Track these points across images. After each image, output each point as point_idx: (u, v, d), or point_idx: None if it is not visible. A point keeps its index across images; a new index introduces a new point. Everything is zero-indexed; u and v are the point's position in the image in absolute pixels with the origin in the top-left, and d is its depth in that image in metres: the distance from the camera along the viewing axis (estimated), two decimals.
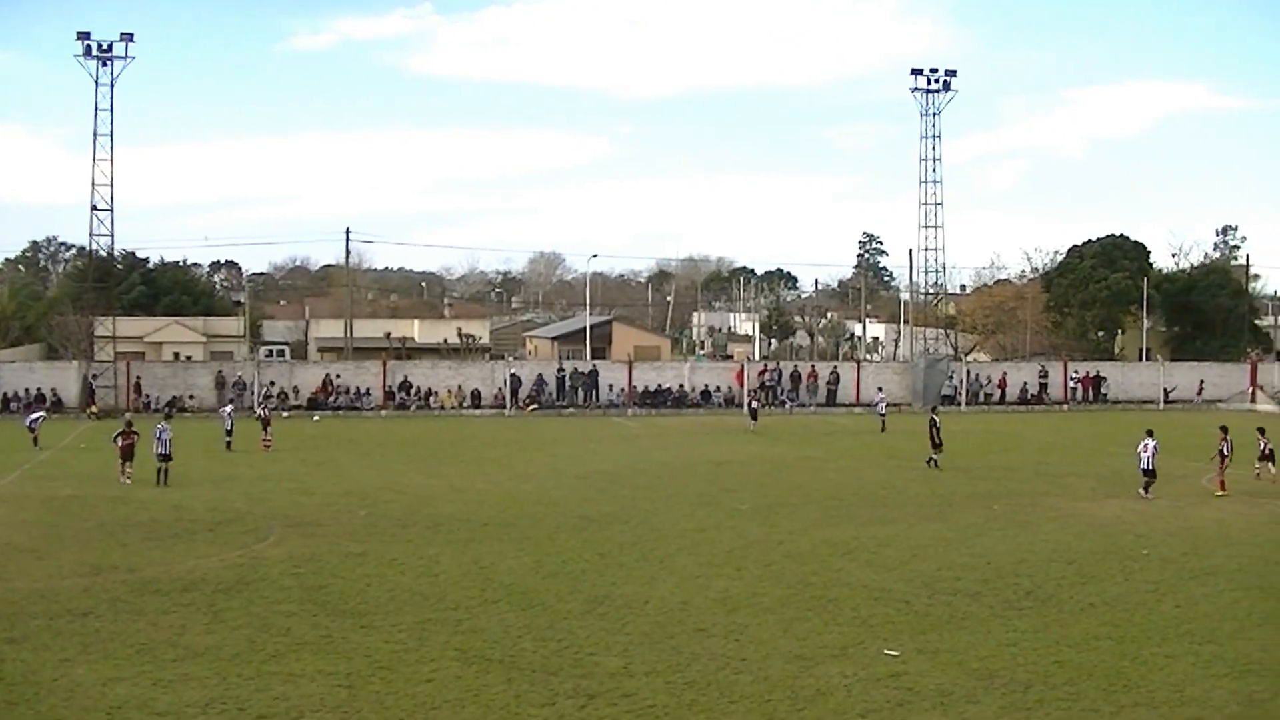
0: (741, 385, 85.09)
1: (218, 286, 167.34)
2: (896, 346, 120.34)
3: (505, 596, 27.23)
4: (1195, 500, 42.41)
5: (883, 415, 73.22)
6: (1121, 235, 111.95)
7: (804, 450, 58.97)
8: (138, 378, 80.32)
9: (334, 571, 29.78)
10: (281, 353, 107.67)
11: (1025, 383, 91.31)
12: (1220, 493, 43.54)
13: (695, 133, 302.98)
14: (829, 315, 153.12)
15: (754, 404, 73.33)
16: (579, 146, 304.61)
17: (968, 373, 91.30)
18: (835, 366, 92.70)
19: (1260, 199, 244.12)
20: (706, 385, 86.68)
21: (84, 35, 78.96)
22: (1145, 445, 42.87)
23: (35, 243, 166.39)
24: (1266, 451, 46.42)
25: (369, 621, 24.89)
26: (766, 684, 20.84)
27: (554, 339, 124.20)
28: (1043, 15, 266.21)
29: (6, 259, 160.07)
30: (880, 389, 79.93)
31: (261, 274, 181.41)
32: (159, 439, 45.21)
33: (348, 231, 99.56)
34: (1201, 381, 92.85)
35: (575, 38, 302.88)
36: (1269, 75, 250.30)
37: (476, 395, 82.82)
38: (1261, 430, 46.05)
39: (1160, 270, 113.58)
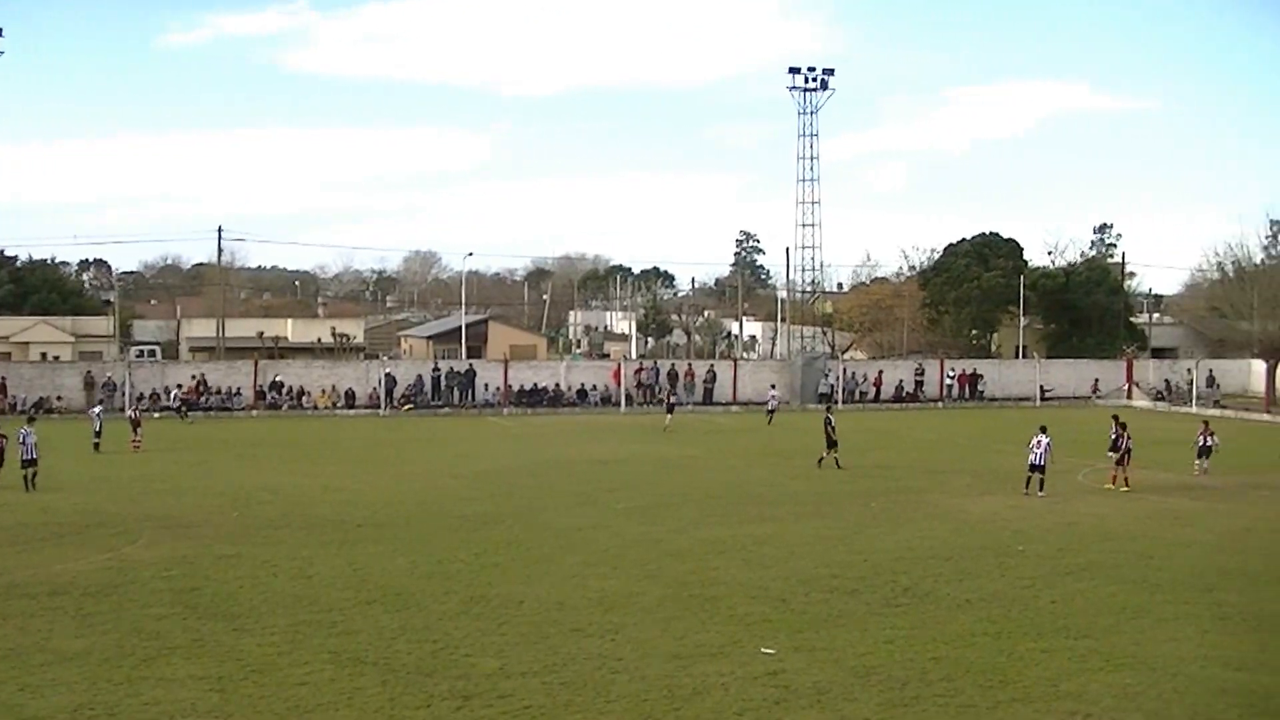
0: (619, 384, 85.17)
1: (87, 285, 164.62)
2: (774, 345, 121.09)
3: (380, 598, 27.16)
4: (1072, 496, 43.12)
5: (772, 411, 74.56)
6: (994, 233, 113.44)
7: (682, 449, 59.17)
8: (3, 378, 78.76)
9: (206, 574, 29.51)
10: (153, 353, 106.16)
11: (901, 380, 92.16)
12: (1117, 487, 44.45)
13: (574, 132, 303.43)
14: (706, 314, 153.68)
15: (671, 399, 73.91)
16: (457, 145, 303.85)
17: (844, 371, 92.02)
18: (712, 365, 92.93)
19: (1136, 197, 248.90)
20: (583, 384, 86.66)
21: None
22: (1039, 441, 43.54)
23: None
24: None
25: (242, 624, 24.72)
26: (644, 683, 20.98)
27: (429, 338, 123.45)
28: (924, 16, 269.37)
29: None
30: (773, 386, 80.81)
31: (132, 273, 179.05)
32: (24, 444, 44.42)
33: (220, 230, 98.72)
34: (1096, 380, 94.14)
35: (455, 35, 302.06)
36: (1146, 75, 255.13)
37: (350, 395, 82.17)
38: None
39: (1037, 268, 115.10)
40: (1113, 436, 47.51)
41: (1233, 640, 23.84)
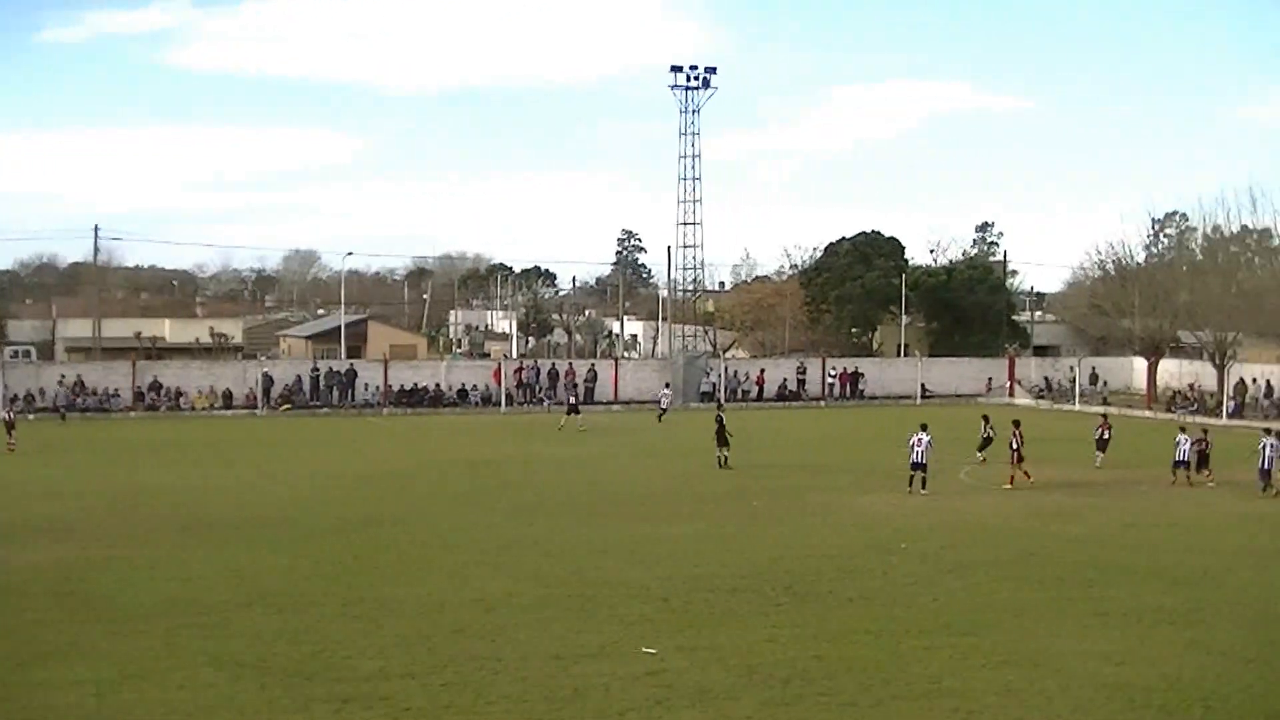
0: (499, 383, 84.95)
1: None
2: (655, 344, 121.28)
3: (259, 600, 26.96)
4: (954, 494, 43.60)
5: (664, 410, 75.59)
6: (876, 232, 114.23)
7: (563, 449, 59.15)
8: None
9: (82, 577, 29.16)
10: (27, 353, 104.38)
11: (784, 379, 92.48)
12: (1016, 486, 45.02)
13: (454, 130, 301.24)
14: (587, 313, 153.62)
15: (573, 399, 73.44)
16: (337, 143, 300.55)
17: (726, 369, 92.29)
18: (593, 364, 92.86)
19: (1018, 196, 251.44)
20: (463, 384, 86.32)
21: None
22: (919, 439, 43.95)
23: None
24: (1012, 445, 47.19)
25: (119, 628, 24.44)
26: (524, 684, 20.97)
27: (309, 338, 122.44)
28: (808, 16, 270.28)
29: None
30: (667, 384, 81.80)
31: (6, 272, 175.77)
32: None
33: (96, 229, 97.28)
34: (990, 379, 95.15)
35: (335, 33, 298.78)
36: (1028, 75, 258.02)
37: (229, 396, 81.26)
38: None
39: (918, 266, 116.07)
40: (982, 436, 48.65)
41: (1113, 635, 24.21)
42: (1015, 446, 46.01)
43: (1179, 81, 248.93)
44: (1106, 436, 51.96)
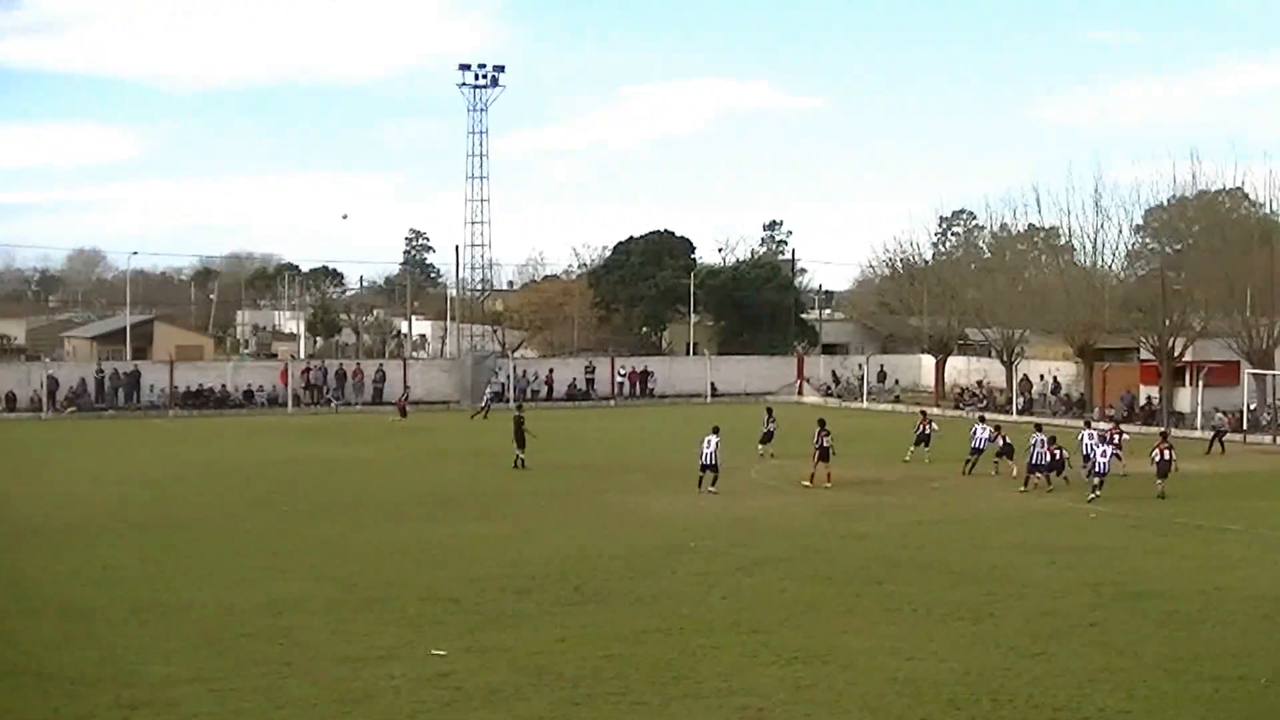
0: (286, 385, 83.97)
1: None
2: (443, 344, 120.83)
3: (43, 607, 26.39)
4: (745, 492, 44.00)
5: (485, 407, 76.93)
6: (668, 231, 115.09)
7: (352, 450, 58.73)
8: None
9: None
10: None
11: (574, 379, 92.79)
12: (817, 485, 45.45)
13: (240, 128, 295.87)
14: (376, 313, 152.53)
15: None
16: (120, 141, 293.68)
17: (515, 369, 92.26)
18: (381, 364, 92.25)
19: (807, 194, 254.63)
20: (250, 385, 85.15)
21: None
22: (709, 441, 44.24)
23: None
24: (823, 445, 47.54)
25: None
26: (315, 687, 20.74)
27: (93, 339, 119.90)
28: (599, 14, 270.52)
29: None
30: (489, 382, 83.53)
31: None
32: None
33: None
34: (804, 379, 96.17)
35: (117, 29, 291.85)
36: (818, 74, 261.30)
37: (12, 398, 79.07)
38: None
39: (707, 265, 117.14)
40: (764, 429, 51.82)
41: (902, 631, 24.58)
42: (822, 445, 46.31)
43: (967, 82, 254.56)
44: (927, 432, 53.30)
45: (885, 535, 35.91)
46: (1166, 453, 45.08)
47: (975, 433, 50.17)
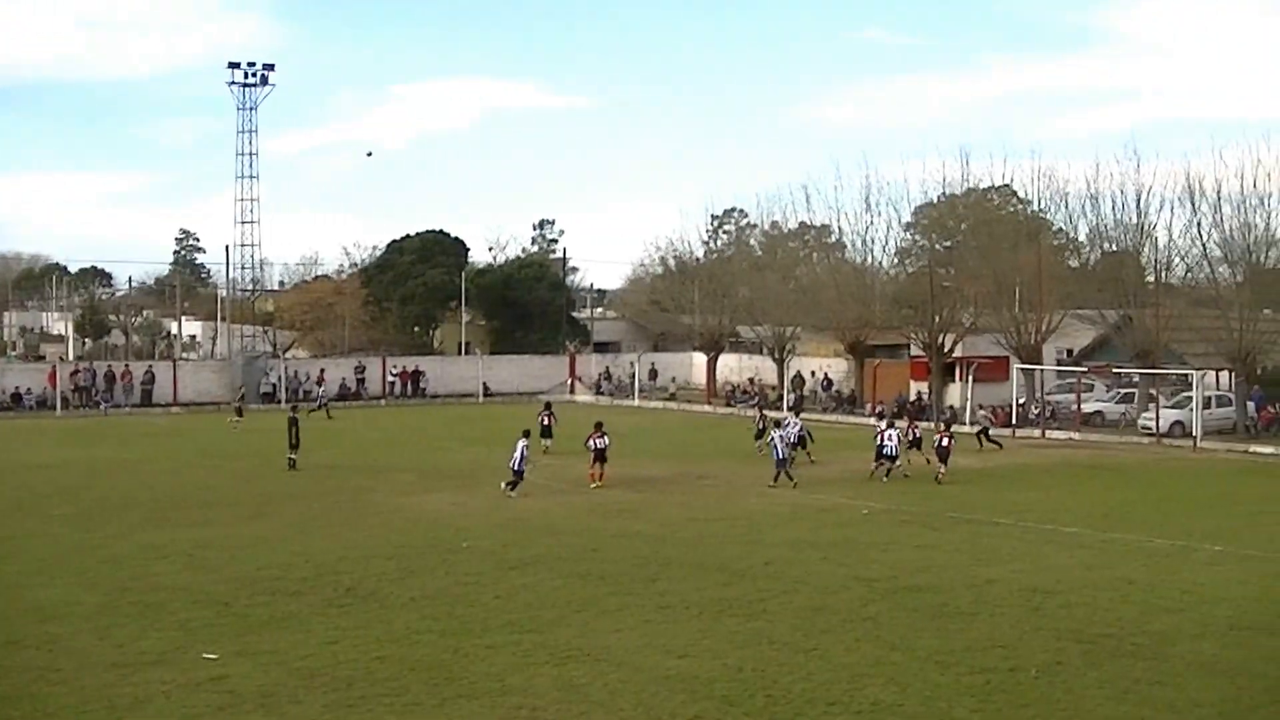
0: (55, 387, 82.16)
1: None
2: (214, 344, 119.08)
3: None
4: (520, 491, 44.01)
5: (324, 404, 78.09)
6: (441, 230, 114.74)
7: (122, 452, 57.80)
8: None
9: None
10: None
11: (344, 378, 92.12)
12: (596, 485, 45.78)
13: (4, 124, 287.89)
14: (145, 314, 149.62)
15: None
16: None
17: (286, 370, 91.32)
18: (150, 366, 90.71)
19: (579, 193, 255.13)
20: (18, 388, 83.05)
21: None
22: (519, 446, 44.24)
23: None
24: (598, 446, 47.74)
25: None
26: (82, 695, 20.42)
27: None
28: (371, 10, 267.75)
29: None
30: (320, 384, 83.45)
31: None
32: None
33: None
34: (576, 377, 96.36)
35: None
36: (588, 71, 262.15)
37: None
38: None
39: (479, 264, 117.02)
40: (542, 424, 53.36)
41: (675, 628, 24.85)
42: (598, 447, 46.52)
43: (738, 80, 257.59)
44: (763, 428, 55.59)
45: (658, 533, 36.21)
46: (946, 440, 48.23)
47: (886, 437, 49.48)
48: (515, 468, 43.71)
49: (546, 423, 55.51)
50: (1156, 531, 36.53)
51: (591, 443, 46.79)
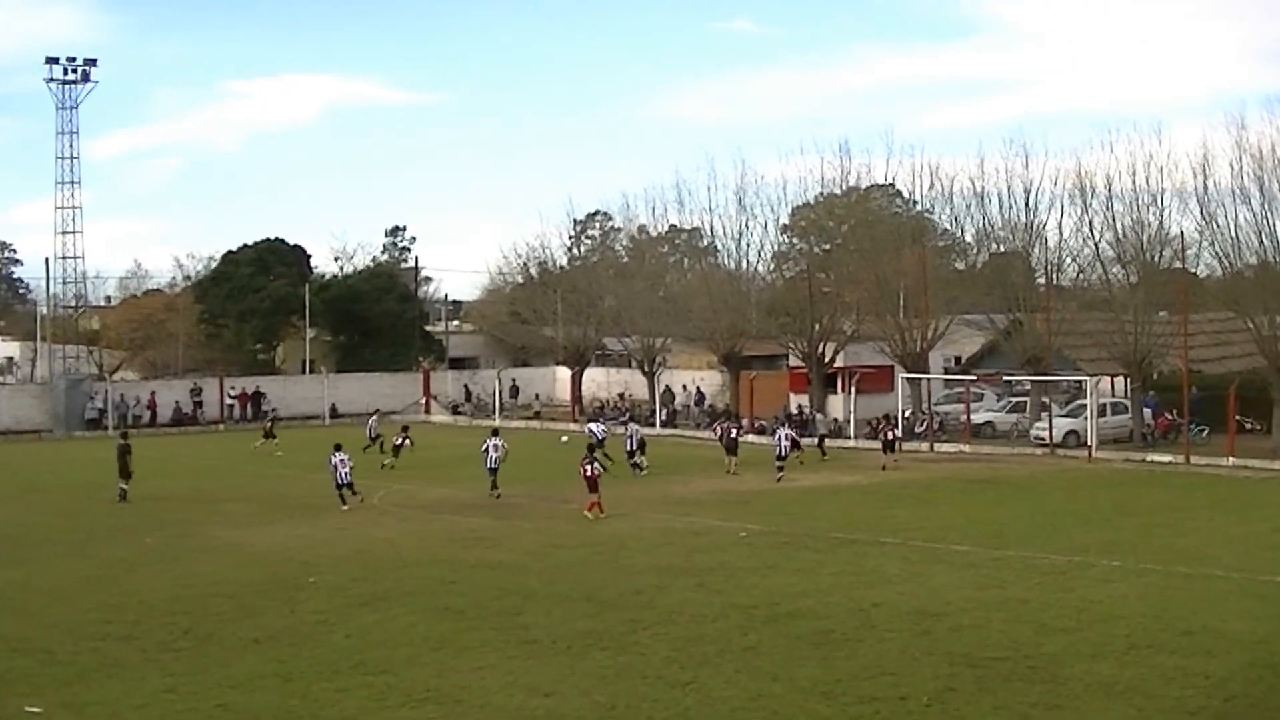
0: None
1: None
2: (34, 367, 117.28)
3: None
4: (368, 521, 43.86)
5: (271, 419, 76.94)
6: (280, 239, 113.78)
7: None
8: None
9: None
10: None
11: (178, 401, 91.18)
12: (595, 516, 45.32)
13: None
14: None
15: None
16: None
17: (113, 393, 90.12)
18: None
19: (432, 197, 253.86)
20: None
21: None
22: (342, 459, 44.80)
23: None
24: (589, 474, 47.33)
25: None
26: None
27: None
28: (203, 3, 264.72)
29: None
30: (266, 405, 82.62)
31: None
32: None
33: None
34: (430, 396, 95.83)
35: None
36: (442, 68, 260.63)
37: None
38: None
39: (323, 275, 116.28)
40: (396, 443, 54.24)
41: (540, 665, 24.80)
42: (589, 475, 45.65)
43: (600, 75, 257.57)
44: (735, 436, 58.40)
45: (519, 562, 36.19)
46: (890, 433, 55.99)
47: (779, 437, 55.54)
48: (342, 481, 45.42)
49: (400, 442, 56.04)
50: (1050, 547, 37.08)
51: (582, 469, 46.33)
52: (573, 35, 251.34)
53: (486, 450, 49.67)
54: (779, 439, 56.13)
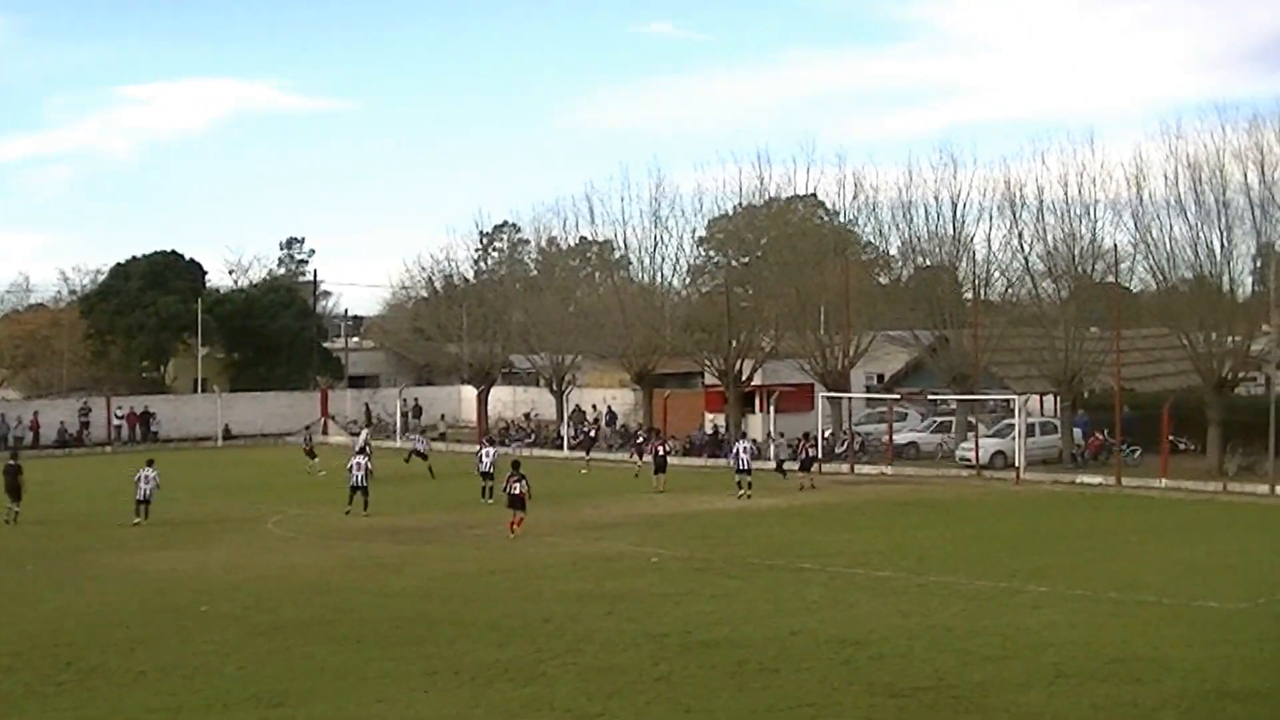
0: None
1: None
2: None
3: None
4: (263, 547, 43.69)
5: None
6: (173, 252, 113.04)
7: None
8: None
9: None
10: None
11: (63, 422, 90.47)
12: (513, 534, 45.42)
13: None
14: None
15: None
16: None
17: None
18: None
19: (330, 208, 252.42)
20: None
21: None
22: (146, 476, 48.00)
23: None
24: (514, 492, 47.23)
25: None
26: None
27: None
28: (97, 5, 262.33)
29: None
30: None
31: None
32: None
33: None
34: (329, 416, 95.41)
35: None
36: (343, 75, 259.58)
37: None
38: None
39: (217, 290, 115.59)
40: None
41: (444, 697, 24.73)
42: (514, 493, 45.78)
43: (509, 81, 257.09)
44: (663, 454, 60.40)
45: (423, 589, 36.13)
46: (810, 450, 57.93)
47: (736, 450, 57.21)
48: (142, 498, 48.58)
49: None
50: (976, 573, 37.37)
51: (508, 487, 46.37)
52: (483, 40, 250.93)
53: (351, 469, 51.11)
54: (737, 453, 57.48)
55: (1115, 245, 69.91)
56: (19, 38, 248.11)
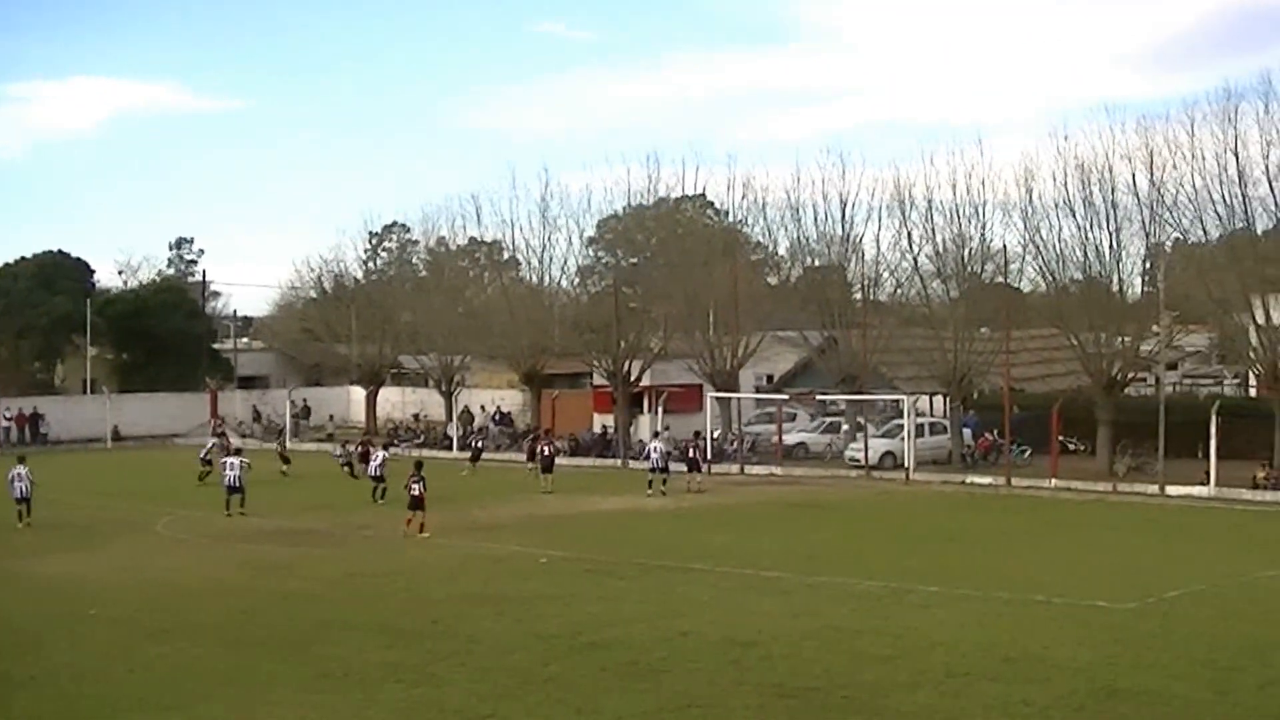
0: None
1: None
2: None
3: None
4: (152, 550, 43.38)
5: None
6: (62, 252, 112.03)
7: None
8: None
9: None
10: None
11: None
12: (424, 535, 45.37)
13: None
14: None
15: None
16: None
17: None
18: None
19: (220, 208, 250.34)
20: None
21: None
22: (19, 473, 47.86)
23: None
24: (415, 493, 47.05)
25: None
26: None
27: None
28: None
29: None
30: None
31: None
32: None
33: None
34: (218, 417, 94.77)
35: None
36: (232, 75, 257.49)
37: None
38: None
39: (107, 290, 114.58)
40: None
41: (335, 699, 24.66)
42: (415, 494, 45.84)
43: (398, 81, 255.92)
44: (550, 454, 60.75)
45: (313, 591, 36.03)
46: (692, 450, 58.99)
47: (649, 452, 58.72)
48: (21, 496, 48.43)
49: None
50: (866, 573, 37.58)
51: (410, 487, 46.24)
52: (372, 41, 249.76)
53: (224, 468, 51.79)
54: (650, 451, 58.91)
55: (1005, 246, 70.51)
56: None
